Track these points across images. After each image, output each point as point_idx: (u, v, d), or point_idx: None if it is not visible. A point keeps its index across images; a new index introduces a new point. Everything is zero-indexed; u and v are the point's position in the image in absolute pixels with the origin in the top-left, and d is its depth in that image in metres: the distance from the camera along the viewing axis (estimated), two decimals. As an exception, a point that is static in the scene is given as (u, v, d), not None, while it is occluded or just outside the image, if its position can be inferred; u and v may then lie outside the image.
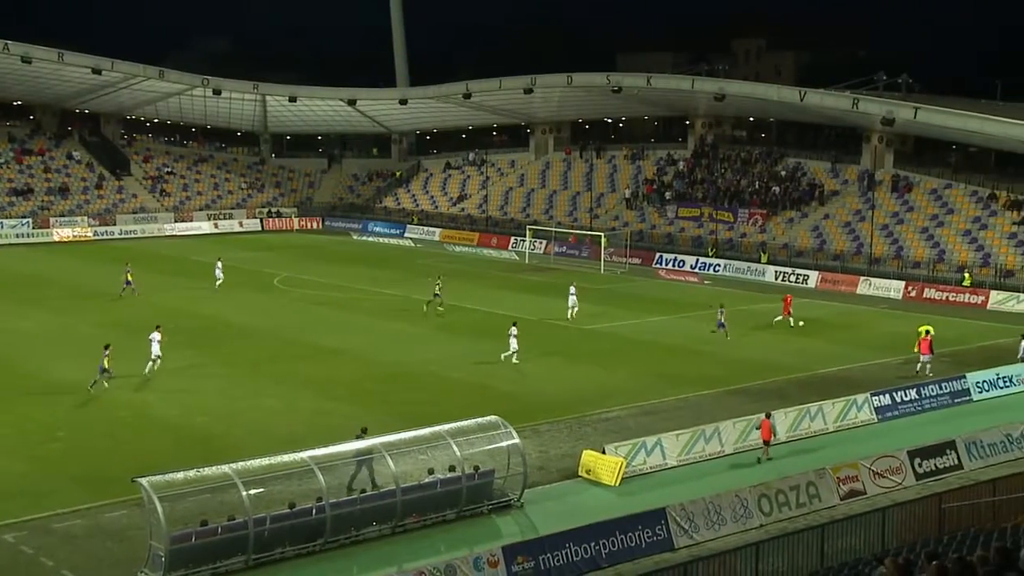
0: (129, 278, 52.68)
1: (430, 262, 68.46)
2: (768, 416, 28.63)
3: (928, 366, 37.24)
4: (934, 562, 11.81)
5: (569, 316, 47.31)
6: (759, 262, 63.44)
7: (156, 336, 36.05)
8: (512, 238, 76.15)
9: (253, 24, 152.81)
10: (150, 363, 35.80)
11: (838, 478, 25.27)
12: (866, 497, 25.17)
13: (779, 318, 46.36)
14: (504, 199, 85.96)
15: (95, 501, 24.54)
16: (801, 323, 45.77)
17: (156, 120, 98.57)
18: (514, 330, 38.65)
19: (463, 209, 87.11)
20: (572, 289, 48.62)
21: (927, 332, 38.40)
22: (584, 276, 61.92)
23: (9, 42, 73.93)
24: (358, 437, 25.01)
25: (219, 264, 55.89)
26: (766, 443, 28.34)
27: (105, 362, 33.65)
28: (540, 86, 78.35)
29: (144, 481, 20.79)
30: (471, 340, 43.38)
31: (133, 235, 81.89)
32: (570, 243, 71.82)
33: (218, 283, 54.83)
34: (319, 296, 54.18)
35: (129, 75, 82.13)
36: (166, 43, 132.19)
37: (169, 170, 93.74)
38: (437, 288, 48.92)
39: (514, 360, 38.35)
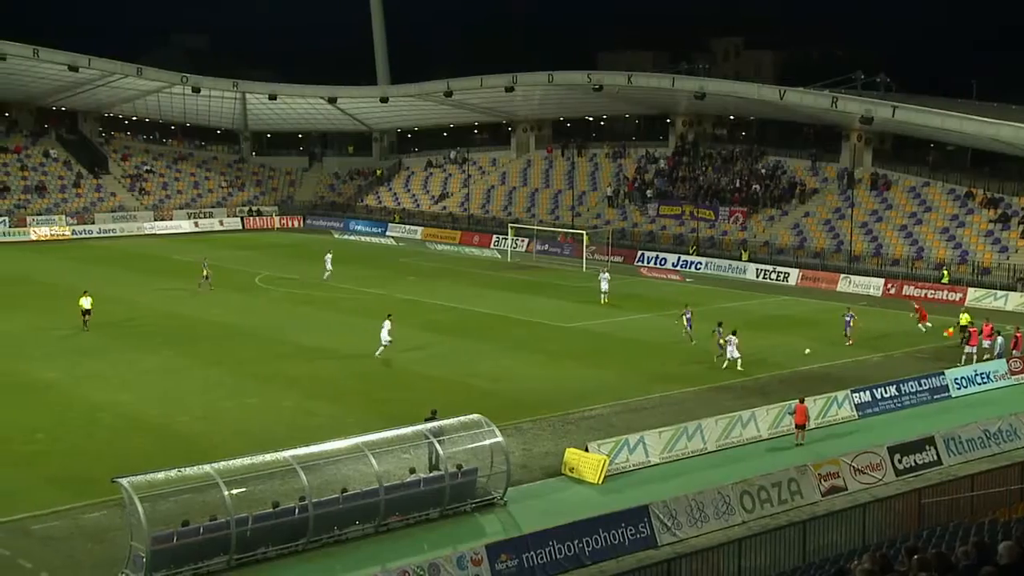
0: (207, 273, 53.85)
1: (414, 260, 68.41)
2: (802, 400, 29.44)
3: (973, 356, 38.46)
4: (915, 557, 11.88)
5: (601, 300, 51.05)
6: (740, 260, 63.67)
7: (387, 325, 38.77)
8: (494, 236, 76.11)
9: (233, 22, 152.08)
10: (381, 347, 38.47)
11: (819, 475, 25.40)
12: (847, 493, 25.31)
13: (927, 325, 44.41)
14: (486, 197, 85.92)
15: (74, 502, 24.38)
16: (929, 324, 44.47)
17: (135, 118, 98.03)
18: (732, 338, 37.64)
19: (445, 207, 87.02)
20: (605, 275, 52.33)
21: (970, 323, 40.71)
22: (566, 274, 62.10)
23: (-16, 39, 73.49)
24: (428, 420, 25.63)
25: (328, 256, 57.89)
26: (800, 427, 29.13)
27: (386, 333, 38.24)
28: (521, 84, 78.32)
29: (124, 481, 20.68)
30: (454, 338, 43.33)
31: (112, 234, 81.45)
32: (559, 242, 71.96)
33: (327, 275, 56.78)
34: (301, 295, 54.03)
35: (106, 72, 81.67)
36: (145, 41, 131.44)
37: (148, 168, 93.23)
38: (684, 319, 42.53)
39: (734, 363, 37.48)
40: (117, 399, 33.44)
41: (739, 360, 37.67)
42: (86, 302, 43.82)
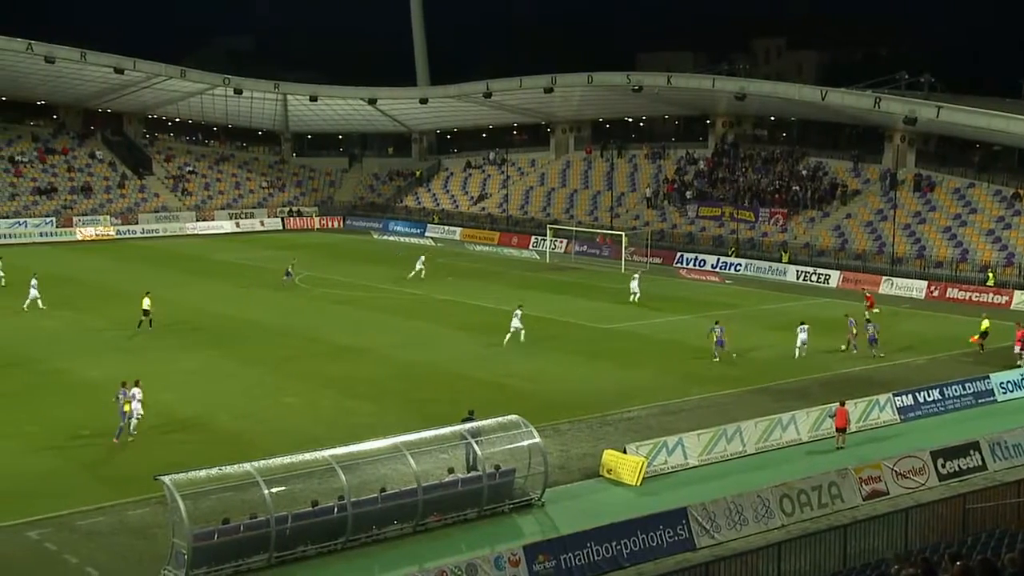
0: (291, 269, 56.44)
1: (453, 261, 68.54)
2: (842, 404, 29.30)
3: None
4: (958, 563, 11.74)
5: (632, 300, 51.51)
6: (780, 262, 63.22)
7: (519, 313, 41.17)
8: (533, 237, 76.12)
9: (275, 24, 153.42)
10: (509, 335, 40.75)
11: (860, 478, 25.15)
12: (889, 497, 25.05)
13: (873, 311, 46.30)
14: (524, 198, 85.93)
15: (119, 499, 24.71)
16: (877, 311, 46.61)
17: (178, 119, 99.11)
18: (805, 325, 40.10)
19: (483, 208, 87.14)
20: (636, 277, 53.21)
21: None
22: (605, 275, 61.95)
23: (32, 42, 74.59)
24: (465, 420, 25.74)
25: (421, 258, 59.60)
26: (841, 430, 28.97)
27: (516, 320, 40.59)
28: (560, 85, 78.26)
29: (167, 479, 20.92)
30: (491, 339, 43.33)
31: (155, 234, 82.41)
32: (597, 243, 71.85)
33: (413, 273, 58.48)
34: (340, 295, 54.34)
35: (151, 75, 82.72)
36: (188, 43, 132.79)
37: (191, 169, 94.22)
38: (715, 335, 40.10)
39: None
40: (159, 398, 33.73)
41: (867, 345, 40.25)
42: (147, 302, 44.00)
